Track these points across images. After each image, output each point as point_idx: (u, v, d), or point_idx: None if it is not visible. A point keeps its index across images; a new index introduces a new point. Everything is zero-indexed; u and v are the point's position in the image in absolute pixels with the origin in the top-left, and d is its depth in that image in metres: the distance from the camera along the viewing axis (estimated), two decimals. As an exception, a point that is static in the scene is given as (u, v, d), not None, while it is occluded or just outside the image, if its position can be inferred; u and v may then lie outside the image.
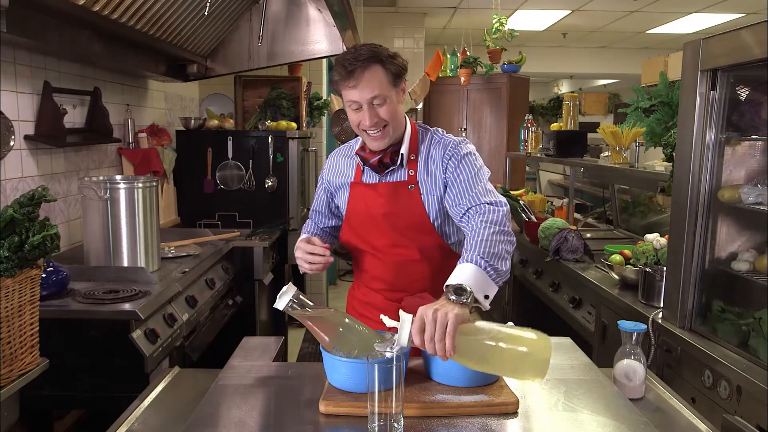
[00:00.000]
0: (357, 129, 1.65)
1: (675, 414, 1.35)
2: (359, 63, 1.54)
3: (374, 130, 1.61)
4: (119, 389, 1.89)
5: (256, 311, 3.24)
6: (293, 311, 1.27)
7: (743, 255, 1.93)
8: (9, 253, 1.33)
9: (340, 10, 2.89)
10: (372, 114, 1.58)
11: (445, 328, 1.19)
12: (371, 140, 1.64)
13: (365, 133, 1.63)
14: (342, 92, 1.60)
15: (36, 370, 1.47)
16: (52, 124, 2.46)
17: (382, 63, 1.56)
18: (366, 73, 1.54)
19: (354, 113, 1.61)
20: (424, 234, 1.70)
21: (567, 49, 9.35)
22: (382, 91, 1.57)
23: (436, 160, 1.68)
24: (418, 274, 1.73)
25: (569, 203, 4.24)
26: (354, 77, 1.54)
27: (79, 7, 2.10)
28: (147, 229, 2.37)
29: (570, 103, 4.10)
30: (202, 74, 3.60)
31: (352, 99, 1.58)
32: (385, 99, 1.58)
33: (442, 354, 1.20)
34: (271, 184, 3.80)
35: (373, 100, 1.57)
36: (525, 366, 1.19)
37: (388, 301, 1.76)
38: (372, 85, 1.55)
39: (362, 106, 1.57)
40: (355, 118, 1.62)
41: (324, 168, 1.87)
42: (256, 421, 1.17)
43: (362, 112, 1.58)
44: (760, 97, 1.86)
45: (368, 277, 1.80)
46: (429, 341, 1.20)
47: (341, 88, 1.58)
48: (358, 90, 1.55)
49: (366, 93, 1.55)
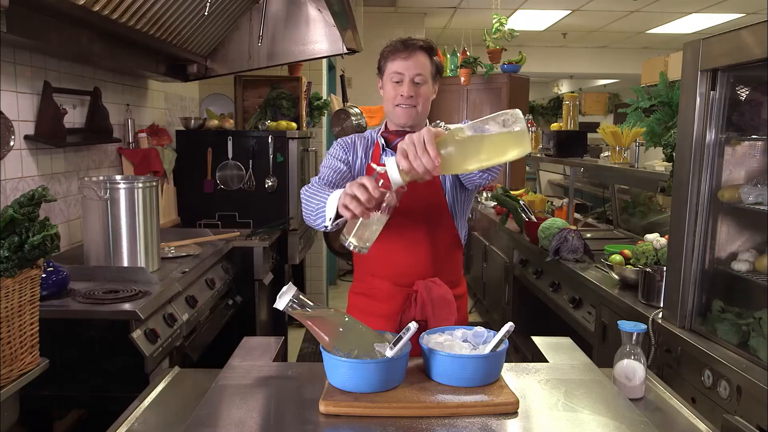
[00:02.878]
0: (390, 103, 1.78)
1: (675, 414, 1.35)
2: (416, 44, 1.75)
3: (408, 103, 1.75)
4: (119, 389, 1.89)
5: (256, 311, 3.24)
6: (293, 311, 1.27)
7: (743, 255, 1.93)
8: (9, 253, 1.33)
9: (340, 10, 2.89)
10: (411, 88, 1.74)
11: (422, 141, 1.25)
12: (401, 112, 1.76)
13: (397, 107, 1.76)
14: (389, 64, 1.77)
15: (36, 370, 1.47)
16: (52, 124, 2.46)
17: (431, 55, 1.78)
18: (419, 53, 1.75)
19: (393, 86, 1.76)
20: (438, 216, 1.78)
21: (567, 49, 9.35)
22: (424, 73, 1.75)
23: None
24: (428, 257, 1.77)
25: (569, 203, 4.25)
26: (408, 51, 1.74)
27: (79, 7, 2.10)
28: (147, 229, 2.37)
29: (570, 103, 4.11)
30: (202, 74, 3.60)
31: (398, 70, 1.74)
32: (425, 80, 1.76)
33: (431, 165, 1.24)
34: (271, 184, 3.80)
35: (416, 77, 1.74)
36: (509, 143, 1.26)
37: (398, 287, 1.77)
38: (420, 64, 1.75)
39: (405, 78, 1.73)
40: (392, 92, 1.76)
41: (334, 146, 1.87)
42: (256, 421, 1.17)
43: (402, 85, 1.74)
44: (760, 97, 1.86)
45: (377, 265, 1.80)
46: (414, 159, 1.26)
47: (391, 59, 1.76)
48: (408, 62, 1.73)
49: (413, 68, 1.74)
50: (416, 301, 1.74)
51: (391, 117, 1.82)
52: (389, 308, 1.77)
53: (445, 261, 1.81)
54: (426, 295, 1.74)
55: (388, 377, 1.24)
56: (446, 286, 1.78)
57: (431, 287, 1.76)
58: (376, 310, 1.79)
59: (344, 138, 1.89)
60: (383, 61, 1.80)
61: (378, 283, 1.80)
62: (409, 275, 1.77)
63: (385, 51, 1.79)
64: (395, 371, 1.25)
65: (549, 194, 7.31)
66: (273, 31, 3.57)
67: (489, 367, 1.28)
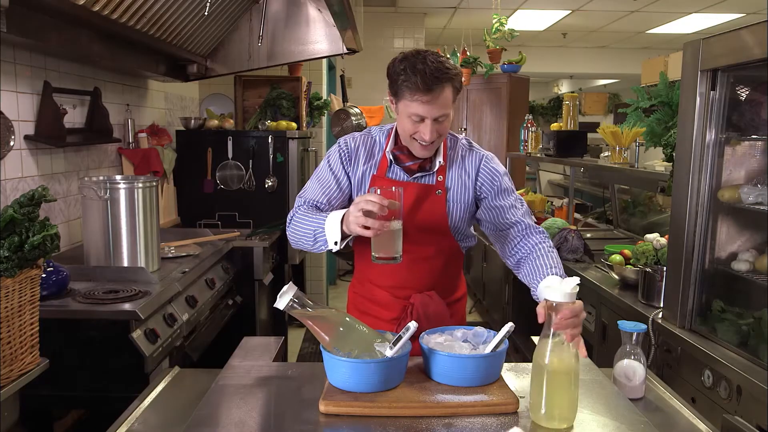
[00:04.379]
0: (407, 136, 1.63)
1: (675, 414, 1.35)
2: (440, 83, 1.52)
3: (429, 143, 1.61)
4: (119, 389, 1.89)
5: (256, 311, 3.24)
6: (293, 311, 1.27)
7: (743, 255, 1.93)
8: (9, 253, 1.33)
9: (340, 10, 2.89)
10: (433, 129, 1.58)
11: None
12: (421, 149, 1.64)
13: (415, 143, 1.63)
14: (407, 99, 1.56)
15: (36, 370, 1.47)
16: (52, 124, 2.46)
17: (452, 82, 1.56)
18: (442, 92, 1.54)
19: (412, 124, 1.59)
20: (439, 235, 1.74)
21: (567, 49, 9.35)
22: (447, 110, 1.58)
23: (468, 170, 1.73)
24: (428, 272, 1.75)
25: (569, 203, 4.25)
26: (431, 94, 1.52)
27: (79, 7, 2.10)
28: (147, 229, 2.37)
29: (570, 103, 4.11)
30: (202, 74, 3.60)
31: (418, 113, 1.56)
32: (447, 116, 1.59)
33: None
34: (271, 184, 3.80)
35: (440, 118, 1.57)
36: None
37: (396, 299, 1.77)
38: (442, 104, 1.55)
39: (426, 120, 1.56)
40: (410, 129, 1.60)
41: (332, 153, 1.76)
42: (256, 421, 1.17)
43: (423, 125, 1.57)
44: (760, 97, 1.86)
45: (376, 274, 1.80)
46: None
47: (409, 95, 1.55)
48: (430, 107, 1.54)
49: (435, 111, 1.55)
50: (411, 314, 1.74)
51: (406, 143, 1.68)
52: (388, 314, 1.78)
53: (444, 273, 1.79)
54: (421, 311, 1.72)
55: (388, 377, 1.24)
56: (441, 300, 1.75)
57: (428, 303, 1.73)
58: (375, 312, 1.80)
59: (346, 142, 1.76)
60: (397, 89, 1.57)
61: (376, 291, 1.80)
62: (406, 288, 1.76)
63: (403, 80, 1.54)
64: (395, 371, 1.25)
65: (549, 194, 7.31)
66: (273, 31, 3.57)
67: (489, 367, 1.28)
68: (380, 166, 1.73)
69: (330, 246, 1.57)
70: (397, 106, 1.63)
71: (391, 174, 1.73)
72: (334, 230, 1.53)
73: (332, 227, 1.54)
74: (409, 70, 1.53)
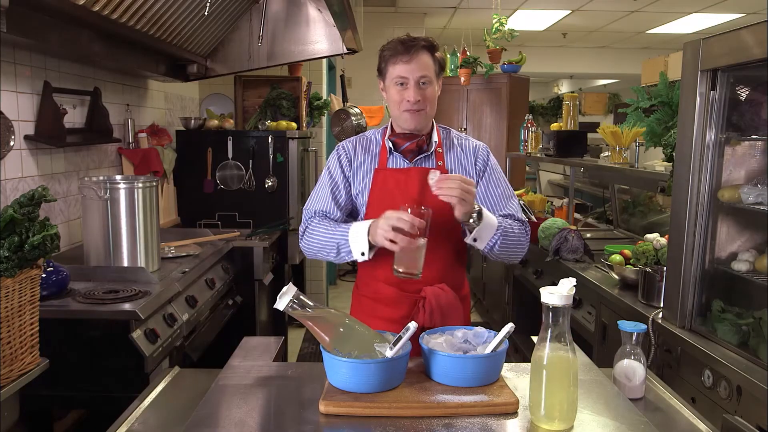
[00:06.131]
0: (396, 108, 1.73)
1: (675, 414, 1.35)
2: (417, 45, 1.69)
3: (415, 108, 1.71)
4: (119, 389, 1.90)
5: (256, 311, 3.24)
6: (293, 311, 1.27)
7: (743, 255, 1.93)
8: (9, 253, 1.33)
9: (340, 10, 2.89)
10: (417, 91, 1.69)
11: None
12: (410, 117, 1.73)
13: (405, 112, 1.72)
14: (390, 67, 1.71)
15: (36, 370, 1.47)
16: (52, 124, 2.46)
17: (433, 53, 1.72)
18: (421, 54, 1.69)
19: (398, 90, 1.71)
20: (447, 222, 1.74)
21: (567, 49, 9.36)
22: (428, 73, 1.70)
23: (468, 153, 1.84)
24: (437, 266, 1.76)
25: (569, 203, 4.25)
26: (410, 54, 1.68)
27: (79, 7, 2.10)
28: (147, 229, 2.37)
29: (570, 103, 4.11)
30: (202, 74, 3.60)
31: (401, 75, 1.69)
32: (430, 81, 1.71)
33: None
34: (271, 184, 3.80)
35: (421, 79, 1.69)
36: None
37: (405, 294, 1.77)
38: (423, 65, 1.69)
39: (409, 82, 1.69)
40: (397, 96, 1.71)
41: (331, 160, 1.84)
42: (256, 421, 1.17)
43: (407, 89, 1.70)
44: (760, 97, 1.86)
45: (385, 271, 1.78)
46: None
47: (392, 63, 1.70)
48: (410, 65, 1.68)
49: (416, 71, 1.68)
50: (424, 307, 1.74)
51: (398, 121, 1.77)
52: (395, 313, 1.77)
53: (452, 267, 1.81)
54: (435, 302, 1.72)
55: (388, 377, 1.24)
56: (452, 292, 1.77)
57: (440, 294, 1.74)
58: (382, 313, 1.78)
59: (344, 146, 1.83)
60: (384, 63, 1.74)
61: (384, 289, 1.79)
62: (417, 282, 1.76)
63: (385, 53, 1.72)
64: (395, 371, 1.25)
65: (549, 194, 7.31)
66: (273, 31, 3.57)
67: (489, 368, 1.28)
68: (380, 158, 1.79)
69: (356, 257, 1.68)
70: (385, 83, 1.76)
71: (392, 163, 1.78)
72: (360, 241, 1.65)
73: (357, 238, 1.65)
74: (390, 43, 1.74)
